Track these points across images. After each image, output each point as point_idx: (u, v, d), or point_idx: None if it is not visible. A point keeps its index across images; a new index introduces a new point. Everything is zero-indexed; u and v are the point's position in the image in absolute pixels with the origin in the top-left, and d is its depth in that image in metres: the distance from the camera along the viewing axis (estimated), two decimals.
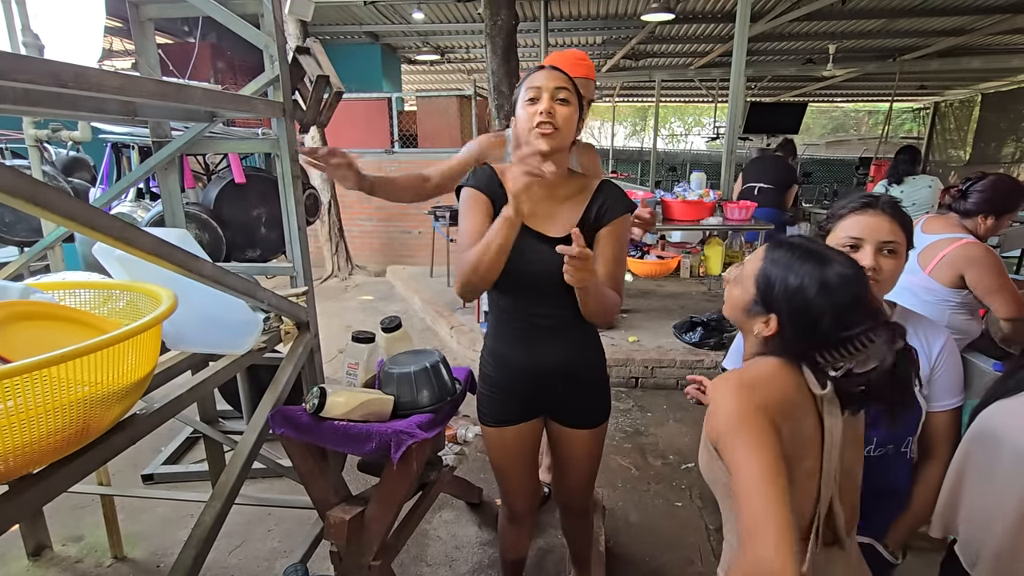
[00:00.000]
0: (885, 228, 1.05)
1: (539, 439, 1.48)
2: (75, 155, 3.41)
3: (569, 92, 1.17)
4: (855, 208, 1.10)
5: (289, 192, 1.83)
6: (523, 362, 1.33)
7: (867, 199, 1.10)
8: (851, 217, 1.09)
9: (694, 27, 7.77)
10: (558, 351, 1.31)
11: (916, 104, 14.83)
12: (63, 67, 0.95)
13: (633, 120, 23.87)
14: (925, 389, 1.10)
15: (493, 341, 1.40)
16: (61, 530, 2.14)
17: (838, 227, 1.11)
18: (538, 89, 1.16)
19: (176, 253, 1.15)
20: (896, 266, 1.06)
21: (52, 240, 1.93)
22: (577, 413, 1.40)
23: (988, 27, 7.17)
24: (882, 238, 1.05)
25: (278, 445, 1.85)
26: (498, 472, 1.51)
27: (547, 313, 1.28)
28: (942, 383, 1.10)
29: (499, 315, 1.36)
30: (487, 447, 1.49)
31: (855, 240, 1.07)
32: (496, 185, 1.27)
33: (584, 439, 1.42)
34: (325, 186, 6.07)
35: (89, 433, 0.99)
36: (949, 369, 1.10)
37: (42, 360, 0.80)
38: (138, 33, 1.88)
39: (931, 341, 1.11)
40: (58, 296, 1.24)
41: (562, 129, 1.15)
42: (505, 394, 1.39)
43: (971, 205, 1.82)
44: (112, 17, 5.56)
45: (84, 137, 2.30)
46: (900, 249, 1.06)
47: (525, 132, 1.17)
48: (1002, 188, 1.81)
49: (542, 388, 1.36)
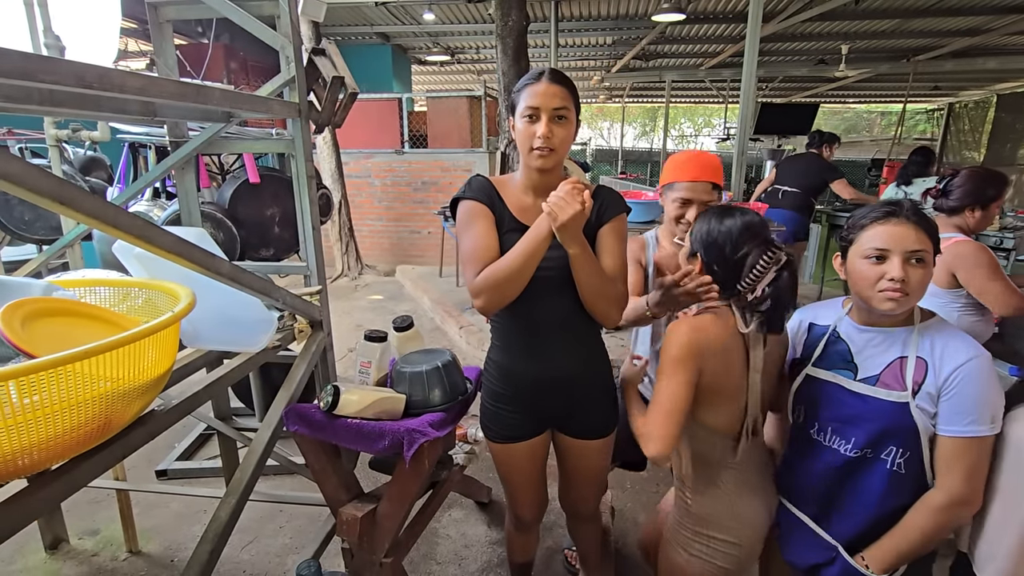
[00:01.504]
0: (911, 237, 1.02)
1: (547, 453, 1.45)
2: (92, 155, 3.46)
3: (568, 109, 1.18)
4: (878, 218, 1.06)
5: (304, 192, 1.85)
6: (530, 372, 1.31)
7: (889, 208, 1.06)
8: (874, 227, 1.06)
9: (705, 27, 7.74)
10: (565, 359, 1.30)
11: (930, 105, 14.66)
12: (88, 68, 0.97)
13: (643, 121, 23.78)
14: (926, 403, 1.03)
15: (498, 354, 1.36)
16: (78, 524, 2.17)
17: (861, 238, 1.08)
18: (536, 109, 1.16)
19: (195, 252, 1.16)
20: (925, 275, 1.03)
21: (71, 238, 1.96)
22: (585, 423, 1.37)
23: (1004, 27, 7.08)
24: (909, 247, 1.01)
25: (290, 442, 1.86)
26: (507, 484, 1.49)
27: (553, 316, 1.27)
28: (953, 404, 1.00)
29: (504, 325, 1.33)
30: (495, 462, 1.46)
31: (880, 251, 1.03)
32: (496, 197, 1.27)
33: (592, 450, 1.40)
34: (335, 186, 6.12)
35: (110, 428, 1.01)
36: (965, 391, 1.00)
37: (66, 356, 0.81)
38: (157, 35, 1.90)
39: (946, 357, 1.02)
40: (79, 293, 1.26)
41: (558, 149, 1.19)
42: (512, 408, 1.36)
43: (954, 201, 1.81)
44: (127, 18, 5.64)
45: (103, 137, 2.34)
46: (928, 257, 1.02)
47: (524, 150, 1.20)
48: (979, 178, 1.80)
49: (549, 399, 1.33)
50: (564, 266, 1.16)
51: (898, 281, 1.00)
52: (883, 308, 1.04)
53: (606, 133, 22.36)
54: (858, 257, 1.07)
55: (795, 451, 1.25)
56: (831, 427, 1.14)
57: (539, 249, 1.12)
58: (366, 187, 6.91)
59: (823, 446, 1.16)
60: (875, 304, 1.05)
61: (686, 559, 1.25)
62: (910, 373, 1.04)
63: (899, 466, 1.06)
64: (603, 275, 1.19)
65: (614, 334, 3.84)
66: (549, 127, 1.15)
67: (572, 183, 1.09)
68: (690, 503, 1.25)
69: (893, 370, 1.07)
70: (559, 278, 1.19)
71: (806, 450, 1.20)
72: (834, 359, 1.16)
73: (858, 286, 1.08)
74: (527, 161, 1.22)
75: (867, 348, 1.12)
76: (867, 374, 1.11)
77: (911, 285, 1.01)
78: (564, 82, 1.18)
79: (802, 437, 1.22)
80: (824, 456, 1.16)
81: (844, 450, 1.12)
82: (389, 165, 6.80)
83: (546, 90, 1.15)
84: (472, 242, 1.20)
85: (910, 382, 1.04)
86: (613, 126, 21.76)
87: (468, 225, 1.23)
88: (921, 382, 1.03)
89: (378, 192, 6.92)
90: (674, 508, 1.33)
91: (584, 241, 1.12)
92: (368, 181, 6.89)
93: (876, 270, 1.04)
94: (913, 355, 1.05)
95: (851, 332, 1.16)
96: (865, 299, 1.07)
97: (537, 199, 1.24)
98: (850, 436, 1.11)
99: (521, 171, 1.29)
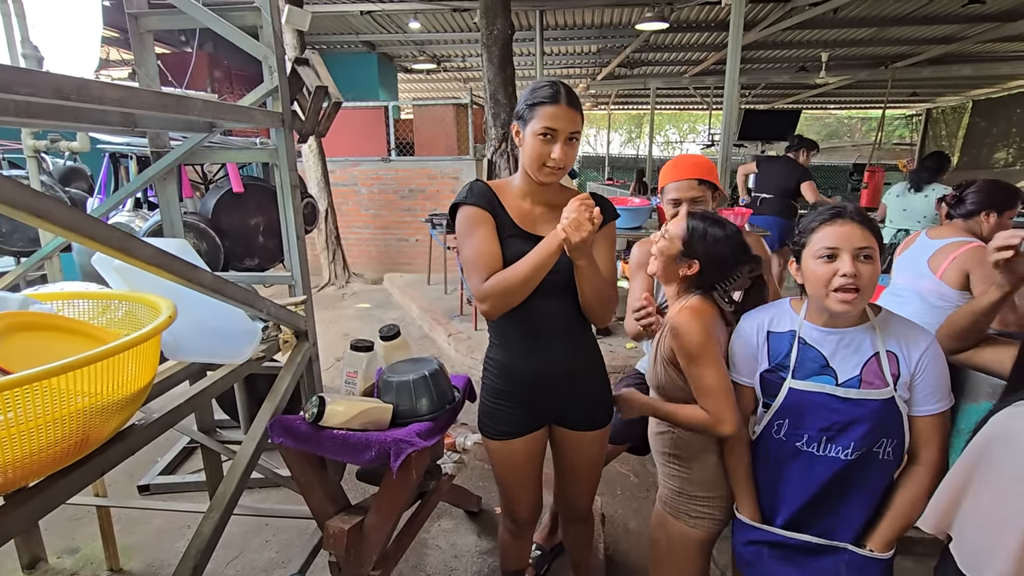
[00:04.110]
0: (858, 235, 1.08)
1: (544, 451, 1.49)
2: (72, 165, 3.41)
3: (579, 131, 1.26)
4: (825, 220, 1.12)
5: (288, 201, 1.84)
6: (530, 368, 1.36)
7: (835, 209, 1.12)
8: (823, 228, 1.11)
9: (688, 36, 7.85)
10: (563, 353, 1.36)
11: (909, 111, 14.98)
12: (65, 80, 0.96)
13: (628, 127, 23.99)
14: (903, 392, 1.11)
15: (498, 352, 1.40)
16: (56, 542, 2.12)
17: (812, 240, 1.13)
18: (555, 132, 1.21)
19: (176, 263, 1.15)
20: (873, 271, 1.08)
21: (50, 250, 1.93)
22: (583, 415, 1.42)
23: (978, 35, 7.27)
24: (857, 244, 1.08)
25: (276, 455, 1.84)
26: (503, 484, 1.51)
27: (552, 316, 1.32)
28: (924, 388, 1.11)
29: (504, 325, 1.36)
30: (492, 461, 1.48)
31: (831, 250, 1.09)
32: (497, 202, 1.31)
33: (590, 441, 1.44)
34: (322, 194, 6.09)
35: (88, 444, 0.99)
36: (931, 374, 1.11)
37: (42, 371, 0.80)
38: (137, 45, 1.89)
39: (911, 346, 1.12)
40: (57, 306, 1.24)
41: (566, 167, 1.27)
42: (512, 403, 1.39)
43: (971, 205, 1.86)
44: (109, 27, 5.59)
45: (83, 148, 2.31)
46: (874, 254, 1.09)
47: (534, 165, 1.25)
48: (996, 186, 1.87)
49: (549, 393, 1.38)
50: (565, 271, 1.23)
51: (850, 276, 1.05)
52: (838, 310, 1.09)
53: (592, 140, 22.51)
54: (811, 258, 1.13)
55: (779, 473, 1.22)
56: (825, 437, 1.14)
57: (549, 263, 1.18)
58: (353, 195, 6.89)
59: (816, 456, 1.16)
60: (830, 306, 1.10)
61: (692, 524, 1.33)
62: (887, 368, 1.11)
63: (888, 454, 1.14)
64: (604, 281, 1.27)
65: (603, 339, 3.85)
66: (564, 150, 1.22)
67: (581, 201, 1.14)
68: (691, 472, 1.33)
69: (871, 368, 1.12)
70: (562, 282, 1.27)
71: (795, 466, 1.19)
72: (810, 367, 1.17)
73: (814, 287, 1.13)
74: (536, 175, 1.27)
75: (839, 351, 1.15)
76: (847, 376, 1.13)
77: (862, 280, 1.07)
78: (578, 106, 1.24)
79: (786, 453, 1.20)
80: (817, 467, 1.16)
81: (844, 456, 1.12)
82: (376, 173, 6.78)
83: (564, 114, 1.21)
84: (476, 248, 1.25)
85: (890, 377, 1.11)
86: (599, 133, 21.92)
87: (471, 231, 1.27)
88: (897, 374, 1.11)
89: (365, 200, 6.89)
90: (667, 485, 1.38)
91: (591, 253, 1.19)
92: (355, 189, 6.87)
93: (828, 268, 1.09)
94: (883, 350, 1.12)
95: (818, 337, 1.17)
96: (820, 300, 1.12)
97: (535, 205, 1.34)
98: (848, 441, 1.12)
99: (521, 178, 1.34)
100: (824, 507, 1.18)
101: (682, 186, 1.56)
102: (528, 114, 1.23)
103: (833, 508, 1.18)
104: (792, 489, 1.20)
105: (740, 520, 1.29)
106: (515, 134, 1.29)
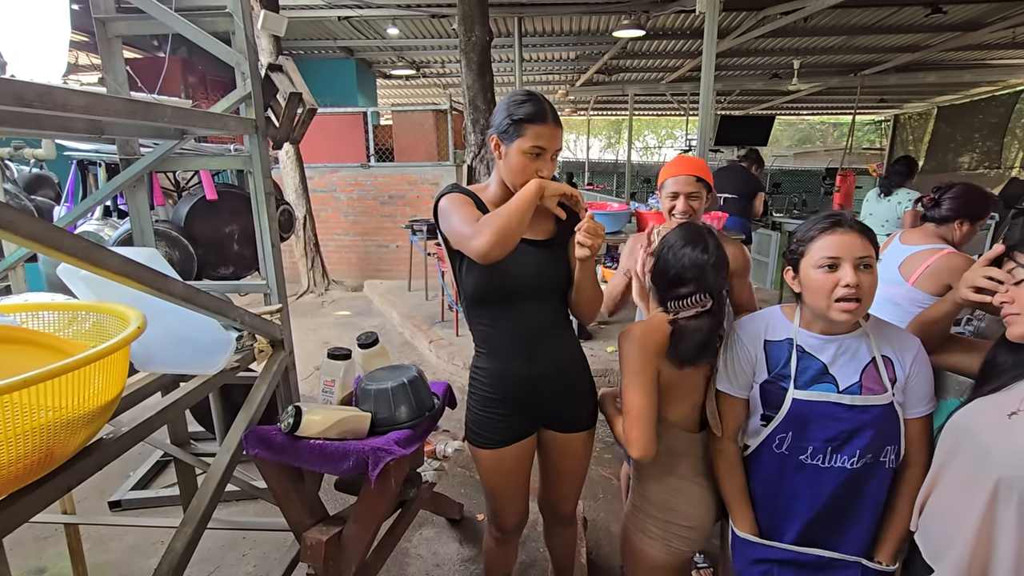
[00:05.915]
0: (858, 244, 1.07)
1: (533, 455, 1.50)
2: (39, 172, 3.32)
3: (561, 147, 1.32)
4: (825, 228, 1.10)
5: (262, 209, 1.81)
6: (521, 371, 1.37)
7: (834, 218, 1.11)
8: (823, 237, 1.10)
9: (664, 43, 7.98)
10: (552, 352, 1.39)
11: (877, 117, 15.42)
12: (27, 87, 0.94)
13: (607, 133, 24.25)
14: (899, 397, 1.12)
15: (486, 360, 1.40)
16: (22, 563, 2.04)
17: (811, 249, 1.11)
18: (543, 150, 1.26)
19: (144, 272, 1.13)
20: (873, 280, 1.08)
21: (13, 261, 1.87)
22: (572, 416, 1.44)
23: (941, 44, 7.54)
24: (857, 254, 1.07)
25: (252, 467, 1.81)
26: (492, 493, 1.50)
27: (538, 318, 1.36)
28: (916, 391, 1.13)
29: (491, 332, 1.37)
30: (481, 471, 1.47)
31: (832, 260, 1.07)
32: (479, 203, 1.33)
33: (578, 443, 1.47)
34: (300, 200, 6.02)
35: (53, 460, 0.96)
36: (922, 377, 1.13)
37: (2, 386, 0.77)
38: (105, 50, 1.85)
39: (903, 351, 1.13)
40: (20, 318, 1.20)
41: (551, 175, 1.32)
42: (504, 410, 1.39)
43: (946, 211, 1.88)
44: (78, 31, 5.46)
45: (48, 155, 2.25)
46: (873, 263, 1.08)
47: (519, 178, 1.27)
48: (972, 194, 1.89)
49: (540, 394, 1.40)
50: (551, 274, 1.34)
51: (852, 287, 1.04)
52: (839, 319, 1.08)
53: (572, 145, 22.69)
54: (811, 268, 1.10)
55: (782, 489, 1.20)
56: (830, 447, 1.12)
57: (531, 208, 1.17)
58: (332, 201, 6.82)
59: (821, 468, 1.13)
60: (831, 315, 1.08)
61: (645, 542, 1.33)
62: (884, 373, 1.11)
63: (892, 462, 1.15)
64: (597, 286, 1.34)
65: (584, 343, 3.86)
66: (551, 165, 1.29)
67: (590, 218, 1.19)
68: (649, 490, 1.33)
69: (870, 374, 1.12)
70: (547, 286, 1.35)
71: (800, 480, 1.16)
72: (811, 376, 1.15)
73: (815, 297, 1.10)
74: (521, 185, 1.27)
75: (839, 358, 1.14)
76: (848, 383, 1.12)
77: (863, 290, 1.06)
78: (560, 122, 1.30)
79: (789, 467, 1.17)
80: (824, 479, 1.14)
81: (849, 465, 1.11)
82: (355, 179, 6.74)
83: (553, 133, 1.26)
84: (467, 215, 1.23)
85: (887, 381, 1.11)
86: (579, 138, 22.10)
87: (458, 207, 1.26)
88: (894, 378, 1.12)
89: (344, 206, 6.84)
90: (632, 494, 1.40)
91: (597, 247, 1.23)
92: (334, 195, 6.81)
93: (830, 278, 1.07)
94: (879, 356, 1.12)
95: (816, 344, 1.16)
96: (821, 309, 1.10)
97: None
98: (853, 450, 1.11)
99: (498, 188, 1.35)
100: (833, 520, 1.16)
101: (681, 181, 1.64)
102: (513, 130, 1.24)
103: (841, 520, 1.16)
104: (799, 504, 1.17)
105: (741, 537, 1.24)
106: (494, 147, 1.29)
